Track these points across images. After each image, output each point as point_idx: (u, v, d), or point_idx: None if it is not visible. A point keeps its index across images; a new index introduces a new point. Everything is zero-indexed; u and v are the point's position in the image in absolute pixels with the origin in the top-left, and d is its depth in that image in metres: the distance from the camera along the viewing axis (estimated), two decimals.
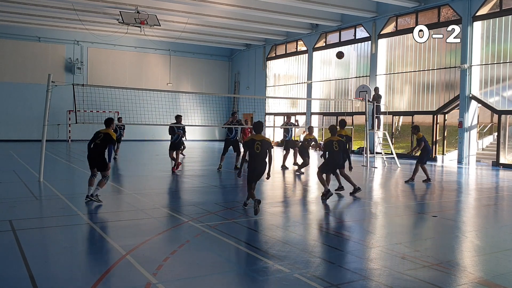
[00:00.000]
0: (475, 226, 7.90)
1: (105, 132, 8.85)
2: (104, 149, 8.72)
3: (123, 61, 31.67)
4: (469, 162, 18.84)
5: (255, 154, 8.03)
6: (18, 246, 5.80)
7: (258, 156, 8.04)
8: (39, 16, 24.65)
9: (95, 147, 8.77)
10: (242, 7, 22.01)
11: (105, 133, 8.81)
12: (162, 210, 8.42)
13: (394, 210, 8.99)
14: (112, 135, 8.85)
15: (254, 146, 8.01)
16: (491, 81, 18.50)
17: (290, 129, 16.44)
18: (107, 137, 8.75)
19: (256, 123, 8.41)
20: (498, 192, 11.98)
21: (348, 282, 4.74)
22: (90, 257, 5.64)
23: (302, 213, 8.73)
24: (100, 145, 8.72)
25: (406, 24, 22.00)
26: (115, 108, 21.56)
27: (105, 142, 8.71)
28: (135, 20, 22.19)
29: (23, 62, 28.79)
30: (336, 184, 10.58)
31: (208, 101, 30.78)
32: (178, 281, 4.77)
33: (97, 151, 8.75)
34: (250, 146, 8.04)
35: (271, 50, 31.50)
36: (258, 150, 8.00)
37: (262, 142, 8.03)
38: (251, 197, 8.12)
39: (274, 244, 6.22)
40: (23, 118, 28.24)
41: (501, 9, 17.75)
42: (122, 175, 14.52)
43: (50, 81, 11.57)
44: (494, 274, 5.15)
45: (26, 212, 8.06)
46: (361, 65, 24.54)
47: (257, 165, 8.10)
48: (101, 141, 8.73)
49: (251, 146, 8.03)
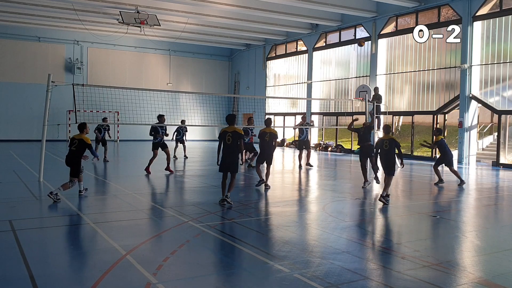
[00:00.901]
0: (475, 226, 7.90)
1: (79, 138, 9.00)
2: (80, 155, 8.95)
3: (123, 61, 31.67)
4: (469, 162, 18.83)
5: (226, 145, 8.63)
6: (18, 246, 5.80)
7: (229, 147, 8.61)
8: (39, 16, 24.65)
9: (71, 153, 8.98)
10: (242, 7, 22.01)
11: (79, 140, 8.97)
12: (162, 210, 8.42)
13: (394, 210, 8.98)
14: (86, 140, 8.98)
15: (226, 137, 8.63)
16: (491, 81, 18.49)
17: (305, 130, 16.37)
18: (81, 143, 8.93)
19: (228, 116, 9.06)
20: (498, 192, 11.98)
21: (348, 282, 4.74)
22: (90, 257, 5.64)
23: (302, 213, 8.73)
24: (76, 151, 8.94)
25: (406, 24, 22.00)
26: (115, 108, 21.59)
27: (80, 148, 8.93)
28: (135, 20, 22.19)
29: (23, 62, 28.78)
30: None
31: (208, 101, 30.78)
32: (178, 281, 4.77)
33: (73, 157, 8.95)
34: (223, 138, 8.67)
35: (271, 50, 31.50)
36: (229, 141, 8.57)
37: (233, 134, 8.59)
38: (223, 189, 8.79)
39: (274, 244, 6.22)
40: (23, 118, 28.23)
41: (501, 9, 17.75)
42: (122, 175, 14.52)
43: (50, 81, 11.58)
44: (494, 274, 5.15)
45: (26, 212, 8.06)
46: (361, 65, 24.53)
47: (226, 156, 8.64)
48: (76, 148, 8.94)
49: (223, 138, 8.67)
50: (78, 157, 8.97)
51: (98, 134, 17.85)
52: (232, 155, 8.60)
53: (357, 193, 10.98)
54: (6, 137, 27.63)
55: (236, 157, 8.65)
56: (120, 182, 12.63)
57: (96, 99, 15.82)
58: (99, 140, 17.79)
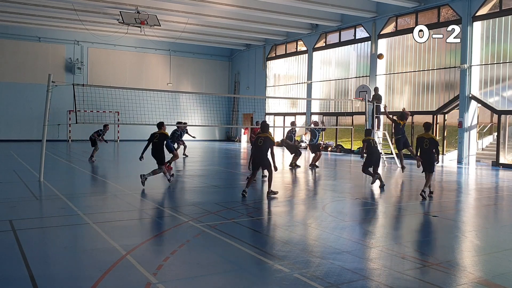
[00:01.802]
0: (475, 226, 7.90)
1: (159, 133, 10.90)
2: (162, 146, 10.85)
3: (123, 61, 31.67)
4: (469, 162, 18.84)
5: (258, 146, 9.89)
6: (18, 246, 5.80)
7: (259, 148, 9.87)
8: (39, 16, 24.65)
9: (154, 145, 10.85)
10: (242, 7, 22.01)
11: (160, 134, 10.87)
12: (162, 210, 8.42)
13: (394, 210, 8.99)
14: (165, 133, 11.05)
15: (258, 140, 9.90)
16: (491, 81, 18.50)
17: (317, 133, 16.19)
18: (162, 136, 10.90)
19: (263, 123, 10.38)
20: (498, 192, 11.98)
21: (348, 282, 4.74)
22: (90, 257, 5.64)
23: (302, 213, 8.73)
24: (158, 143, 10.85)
25: (406, 24, 22.00)
26: (115, 108, 21.60)
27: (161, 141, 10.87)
28: (135, 20, 22.19)
29: (23, 62, 28.79)
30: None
31: (208, 101, 30.79)
32: (178, 281, 4.77)
33: (156, 149, 10.80)
34: (256, 140, 9.99)
35: (271, 50, 31.51)
36: (261, 143, 9.81)
37: (265, 139, 9.81)
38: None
39: (274, 244, 6.22)
40: (23, 118, 28.23)
41: (501, 9, 17.75)
42: (122, 175, 14.53)
43: (50, 81, 11.58)
44: (494, 274, 5.15)
45: (26, 212, 8.06)
46: (361, 65, 24.54)
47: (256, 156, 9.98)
48: (158, 140, 10.84)
49: (256, 140, 9.98)
50: (161, 148, 10.80)
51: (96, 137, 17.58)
52: (262, 154, 9.85)
53: (357, 193, 10.99)
54: (6, 137, 27.64)
55: (266, 156, 9.90)
56: (120, 182, 12.64)
57: (96, 99, 15.85)
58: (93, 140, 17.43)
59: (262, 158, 9.82)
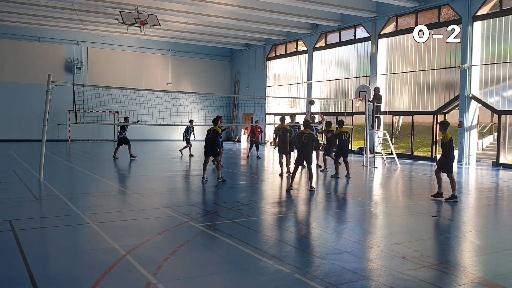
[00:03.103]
0: (475, 226, 7.90)
1: (213, 129, 11.76)
2: (214, 141, 11.62)
3: (123, 61, 31.67)
4: (469, 162, 18.83)
5: (303, 143, 10.59)
6: (18, 246, 5.80)
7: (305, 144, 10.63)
8: (39, 16, 24.66)
9: (208, 141, 11.79)
10: (242, 7, 22.01)
11: (213, 130, 11.74)
12: (162, 210, 8.42)
13: (394, 210, 8.99)
14: (218, 130, 11.77)
15: (302, 137, 10.62)
16: (491, 81, 18.49)
17: (316, 131, 16.08)
18: (215, 132, 11.72)
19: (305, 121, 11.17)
20: (498, 192, 11.98)
21: (348, 282, 4.74)
22: (90, 257, 5.64)
23: (302, 213, 8.73)
24: (212, 139, 11.71)
25: (406, 24, 22.00)
26: (115, 108, 21.55)
27: (215, 136, 11.67)
28: (135, 20, 22.19)
29: (23, 62, 28.79)
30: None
31: (208, 101, 30.78)
32: (178, 281, 4.77)
33: (210, 144, 11.70)
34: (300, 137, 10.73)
35: (271, 50, 31.50)
36: (306, 140, 10.57)
37: (309, 135, 10.62)
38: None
39: (274, 244, 6.22)
40: (23, 118, 28.24)
41: (501, 9, 17.75)
42: (123, 175, 14.52)
43: (50, 81, 11.57)
44: (494, 274, 5.15)
45: (26, 212, 8.05)
46: (361, 65, 24.53)
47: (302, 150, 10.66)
48: (212, 136, 11.71)
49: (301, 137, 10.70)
50: (213, 143, 11.63)
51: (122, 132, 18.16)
52: (308, 150, 10.52)
53: (357, 193, 10.99)
54: (6, 137, 27.65)
55: (312, 152, 10.63)
56: (121, 182, 12.63)
57: (96, 99, 15.84)
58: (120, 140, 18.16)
59: (308, 154, 10.53)
